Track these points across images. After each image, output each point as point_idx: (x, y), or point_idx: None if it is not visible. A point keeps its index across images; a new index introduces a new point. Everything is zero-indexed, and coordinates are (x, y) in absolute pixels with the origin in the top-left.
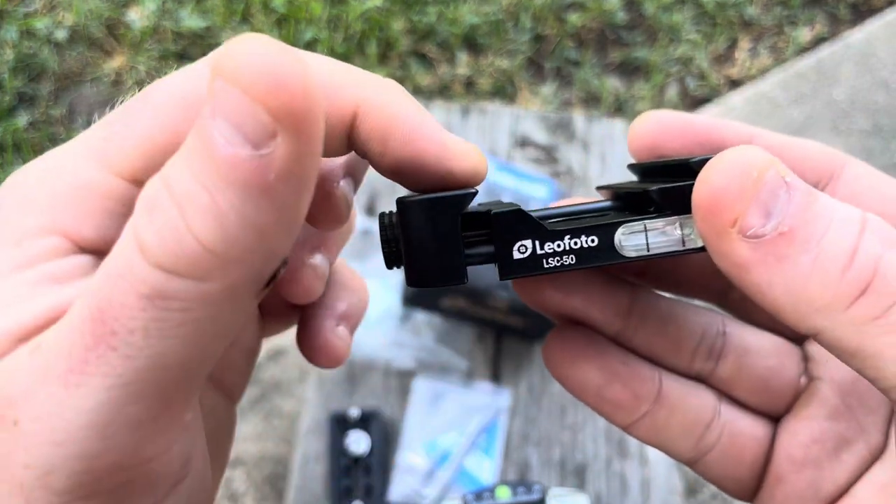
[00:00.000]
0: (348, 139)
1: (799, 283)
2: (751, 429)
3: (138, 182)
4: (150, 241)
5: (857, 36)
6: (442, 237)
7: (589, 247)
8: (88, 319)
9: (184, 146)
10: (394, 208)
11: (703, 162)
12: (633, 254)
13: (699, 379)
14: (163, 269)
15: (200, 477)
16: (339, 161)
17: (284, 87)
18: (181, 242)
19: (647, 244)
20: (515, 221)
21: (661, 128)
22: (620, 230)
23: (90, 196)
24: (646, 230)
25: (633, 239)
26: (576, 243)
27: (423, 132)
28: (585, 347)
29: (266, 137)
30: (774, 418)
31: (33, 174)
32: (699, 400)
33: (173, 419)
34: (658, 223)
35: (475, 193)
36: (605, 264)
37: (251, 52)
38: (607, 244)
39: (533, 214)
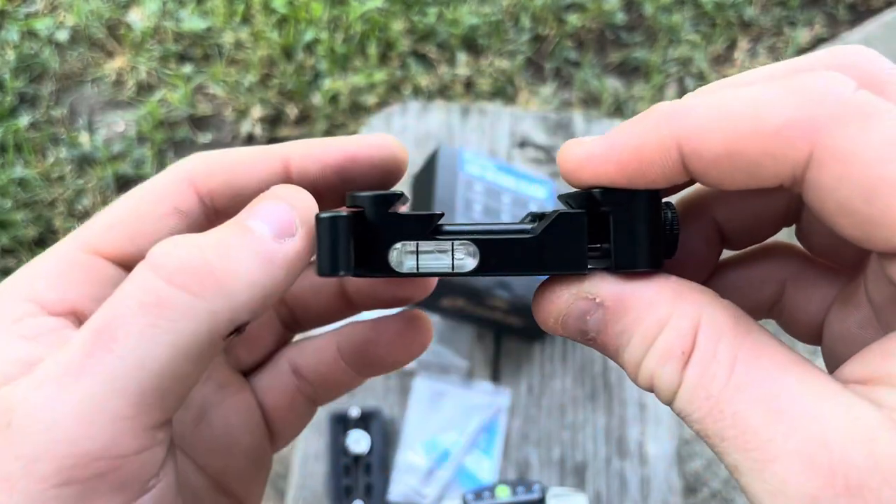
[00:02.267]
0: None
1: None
2: None
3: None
4: (167, 263)
5: (856, 37)
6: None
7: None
8: (92, 332)
9: (216, 228)
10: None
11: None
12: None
13: None
14: (168, 282)
15: None
16: None
17: (311, 208)
18: (193, 263)
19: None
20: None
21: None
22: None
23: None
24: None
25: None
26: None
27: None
28: None
29: (287, 234)
30: None
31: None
32: None
33: (145, 425)
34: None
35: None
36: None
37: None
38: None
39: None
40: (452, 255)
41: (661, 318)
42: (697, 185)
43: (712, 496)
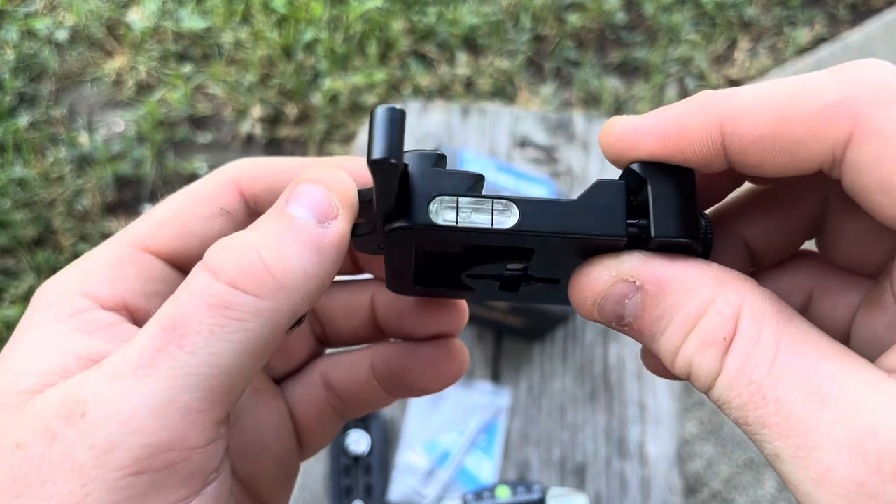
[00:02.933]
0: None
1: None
2: None
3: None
4: (226, 266)
5: (857, 36)
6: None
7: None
8: (160, 329)
9: (261, 220)
10: None
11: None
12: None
13: None
14: (232, 286)
15: (225, 500)
16: None
17: (351, 190)
18: (253, 267)
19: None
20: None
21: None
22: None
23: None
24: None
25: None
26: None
27: None
28: None
29: (330, 216)
30: None
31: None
32: None
33: (213, 419)
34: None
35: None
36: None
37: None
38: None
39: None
40: (492, 212)
41: (702, 303)
42: (724, 202)
43: (712, 497)
